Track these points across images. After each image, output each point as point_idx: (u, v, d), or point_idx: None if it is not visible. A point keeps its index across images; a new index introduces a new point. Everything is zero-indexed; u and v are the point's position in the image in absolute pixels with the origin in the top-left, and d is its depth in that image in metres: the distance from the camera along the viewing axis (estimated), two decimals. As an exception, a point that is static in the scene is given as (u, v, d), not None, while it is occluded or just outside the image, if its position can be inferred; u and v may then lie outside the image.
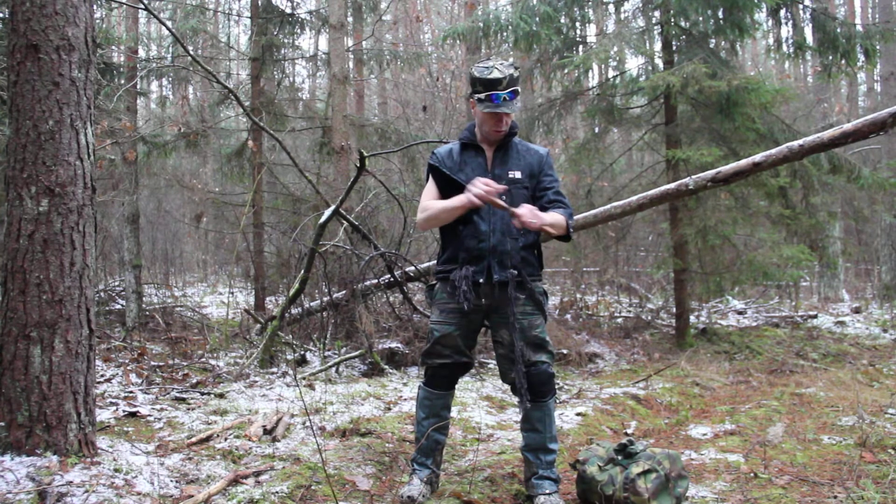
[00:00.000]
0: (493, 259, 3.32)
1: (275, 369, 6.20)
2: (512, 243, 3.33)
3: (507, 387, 5.82)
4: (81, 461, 3.31)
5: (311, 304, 7.46)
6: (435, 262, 7.31)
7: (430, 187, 3.47)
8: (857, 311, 12.01)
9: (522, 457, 3.51)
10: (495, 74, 3.25)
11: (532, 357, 3.35)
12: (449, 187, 3.38)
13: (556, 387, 3.62)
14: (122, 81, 9.53)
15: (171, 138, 10.49)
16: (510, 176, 3.37)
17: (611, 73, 10.18)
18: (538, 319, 3.40)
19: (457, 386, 3.60)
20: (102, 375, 5.68)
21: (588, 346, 8.03)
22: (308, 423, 4.37)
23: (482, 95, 3.28)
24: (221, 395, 5.22)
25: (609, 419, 5.21)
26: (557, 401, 4.89)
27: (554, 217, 3.26)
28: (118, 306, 9.90)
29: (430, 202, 3.40)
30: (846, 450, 4.23)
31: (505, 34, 9.25)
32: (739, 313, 11.47)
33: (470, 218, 3.33)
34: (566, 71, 8.91)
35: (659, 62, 9.11)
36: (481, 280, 3.31)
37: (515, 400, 3.49)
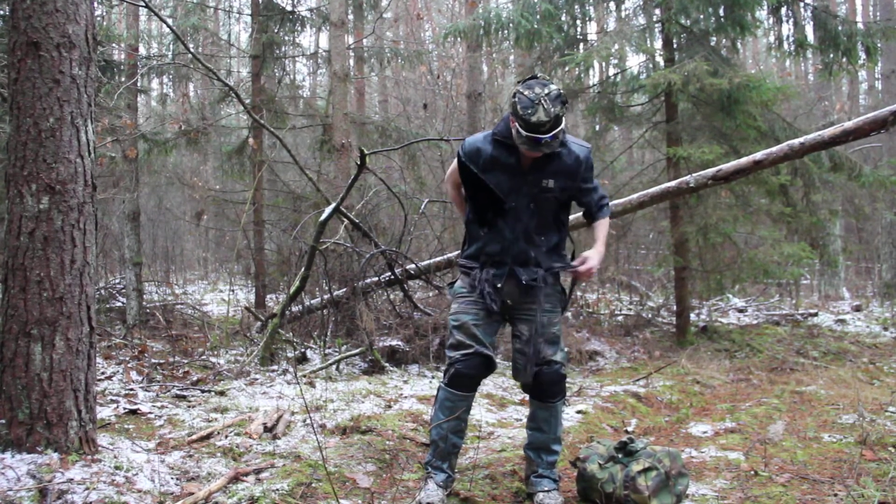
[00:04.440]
0: (515, 264, 3.30)
1: (275, 367, 6.21)
2: (535, 250, 3.31)
3: (507, 385, 5.85)
4: (82, 458, 3.31)
5: (312, 301, 7.47)
6: (433, 259, 7.34)
7: (454, 171, 3.51)
8: (857, 309, 12.00)
9: (524, 454, 3.51)
10: (539, 117, 2.98)
11: (548, 354, 3.33)
12: (474, 184, 3.31)
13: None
14: (123, 79, 9.52)
15: (172, 136, 10.49)
16: (543, 184, 3.25)
17: (612, 71, 10.17)
18: (556, 317, 3.39)
19: None
20: (103, 373, 5.69)
21: (588, 344, 8.03)
22: (309, 421, 4.37)
23: (521, 131, 3.04)
24: (222, 393, 5.22)
25: (609, 417, 5.21)
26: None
27: (603, 233, 3.49)
28: (119, 304, 9.90)
29: (454, 193, 3.63)
30: (846, 448, 4.23)
31: (506, 32, 9.24)
32: (740, 311, 11.46)
33: (495, 222, 3.29)
34: (567, 69, 8.89)
35: (660, 60, 9.09)
36: (499, 285, 3.30)
37: (517, 398, 3.49)
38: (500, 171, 3.25)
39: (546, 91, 3.02)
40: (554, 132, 3.03)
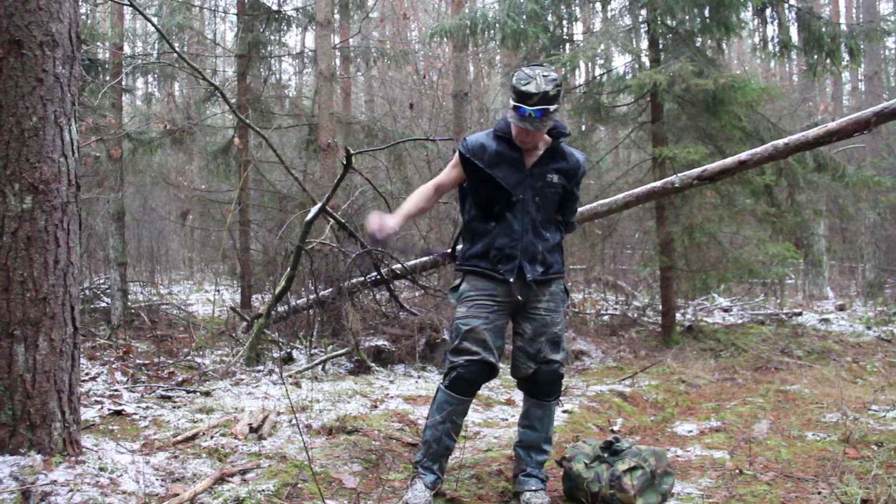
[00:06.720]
0: (524, 259, 3.29)
1: (261, 367, 6.18)
2: (543, 244, 3.32)
3: (493, 384, 5.85)
4: (66, 460, 3.28)
5: (298, 301, 7.44)
6: (419, 259, 7.33)
7: (449, 169, 3.49)
8: (841, 308, 12.10)
9: (514, 453, 3.50)
10: (529, 88, 3.12)
11: (549, 355, 3.34)
12: (480, 179, 3.32)
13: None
14: (108, 78, 9.46)
15: (157, 135, 10.42)
16: (548, 179, 3.31)
17: (598, 72, 10.21)
18: (559, 317, 3.39)
19: None
20: (87, 374, 5.64)
21: (574, 344, 8.05)
22: (294, 421, 4.36)
23: (513, 103, 3.17)
24: (207, 394, 5.19)
25: (595, 416, 5.23)
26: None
27: None
28: (103, 304, 9.84)
29: (431, 191, 3.56)
30: (830, 446, 4.26)
31: (492, 32, 9.24)
32: (725, 311, 11.52)
33: (503, 215, 3.29)
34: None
35: (645, 60, 9.13)
36: (511, 280, 3.28)
37: (503, 398, 3.48)
38: (505, 165, 3.29)
39: (545, 73, 3.18)
40: (541, 108, 3.11)
